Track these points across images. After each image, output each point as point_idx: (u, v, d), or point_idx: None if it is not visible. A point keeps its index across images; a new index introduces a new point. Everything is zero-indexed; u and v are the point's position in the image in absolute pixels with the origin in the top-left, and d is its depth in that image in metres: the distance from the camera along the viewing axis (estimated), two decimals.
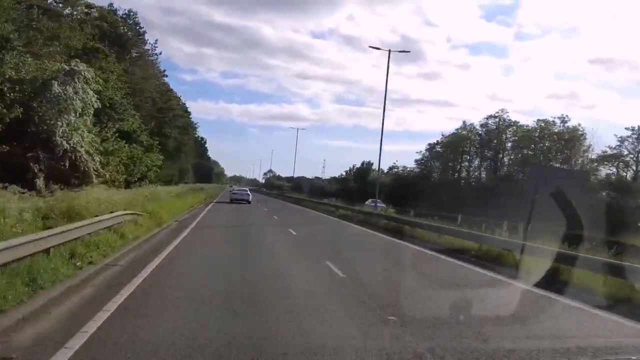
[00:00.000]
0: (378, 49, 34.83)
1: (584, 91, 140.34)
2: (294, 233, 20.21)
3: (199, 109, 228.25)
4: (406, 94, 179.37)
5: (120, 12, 47.68)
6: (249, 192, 47.70)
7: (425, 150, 69.01)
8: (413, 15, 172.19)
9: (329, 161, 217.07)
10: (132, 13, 50.48)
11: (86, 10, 37.32)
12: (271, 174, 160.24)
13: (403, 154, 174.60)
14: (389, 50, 33.62)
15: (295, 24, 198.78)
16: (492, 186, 51.12)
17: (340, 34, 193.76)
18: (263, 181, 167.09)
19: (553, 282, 10.50)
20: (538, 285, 10.15)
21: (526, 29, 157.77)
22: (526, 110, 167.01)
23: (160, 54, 66.72)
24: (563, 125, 54.91)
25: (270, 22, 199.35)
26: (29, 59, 19.83)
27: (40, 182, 18.31)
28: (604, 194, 36.94)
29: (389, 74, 34.04)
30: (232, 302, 7.61)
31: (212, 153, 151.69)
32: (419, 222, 22.06)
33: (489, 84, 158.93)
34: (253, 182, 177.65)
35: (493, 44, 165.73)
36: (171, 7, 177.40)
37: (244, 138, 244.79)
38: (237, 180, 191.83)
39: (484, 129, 61.60)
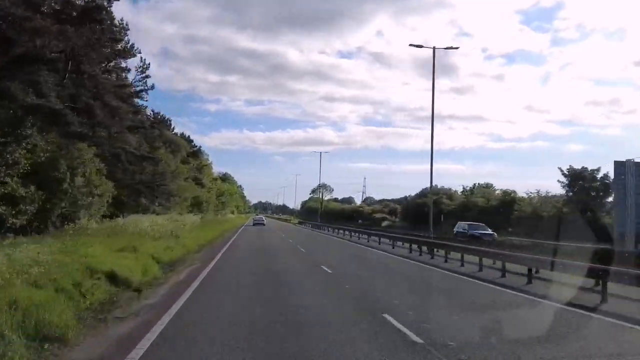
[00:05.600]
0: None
1: (627, 96, 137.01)
2: None
3: (223, 139, 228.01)
4: (436, 110, 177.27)
5: None
6: (264, 219, 76.94)
7: None
8: (446, 26, 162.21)
9: (357, 184, 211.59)
10: None
11: None
12: (321, 190, 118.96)
13: (435, 174, 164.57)
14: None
15: (322, 45, 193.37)
16: None
17: (369, 52, 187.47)
18: (299, 207, 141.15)
19: None
20: None
21: (566, 33, 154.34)
22: (563, 120, 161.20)
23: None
24: None
25: (296, 44, 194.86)
26: None
27: None
28: None
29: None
30: None
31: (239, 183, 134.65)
32: None
33: (525, 95, 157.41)
34: (282, 209, 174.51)
35: (529, 52, 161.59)
36: (194, 35, 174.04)
37: (269, 166, 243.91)
38: (264, 207, 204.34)
39: None
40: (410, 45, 32.70)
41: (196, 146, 67.84)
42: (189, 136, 66.97)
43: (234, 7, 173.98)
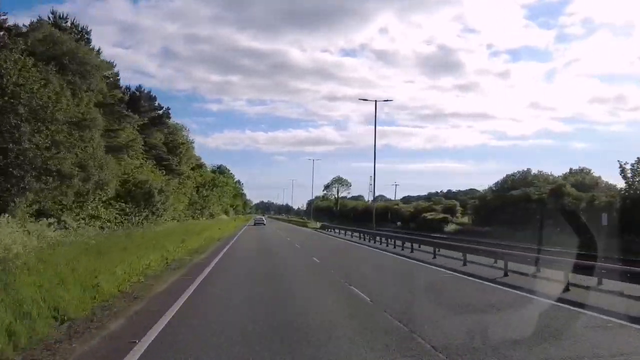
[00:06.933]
0: None
1: (632, 93, 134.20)
2: None
3: (225, 140, 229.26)
4: (440, 109, 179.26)
5: None
6: (264, 219, 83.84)
7: None
8: (452, 22, 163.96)
9: (362, 182, 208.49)
10: None
11: None
12: (337, 186, 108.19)
13: (434, 174, 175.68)
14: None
15: (325, 43, 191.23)
16: None
17: (372, 49, 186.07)
18: (305, 206, 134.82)
19: None
20: None
21: (572, 29, 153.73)
22: (567, 117, 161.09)
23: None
24: None
25: (298, 43, 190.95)
26: None
27: None
28: None
29: None
30: None
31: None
32: None
33: (530, 92, 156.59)
34: (286, 209, 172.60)
35: (535, 48, 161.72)
36: (196, 35, 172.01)
37: (270, 166, 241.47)
38: (266, 207, 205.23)
39: None
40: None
41: (162, 107, 44.66)
42: (147, 91, 43.65)
43: (235, 6, 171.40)
